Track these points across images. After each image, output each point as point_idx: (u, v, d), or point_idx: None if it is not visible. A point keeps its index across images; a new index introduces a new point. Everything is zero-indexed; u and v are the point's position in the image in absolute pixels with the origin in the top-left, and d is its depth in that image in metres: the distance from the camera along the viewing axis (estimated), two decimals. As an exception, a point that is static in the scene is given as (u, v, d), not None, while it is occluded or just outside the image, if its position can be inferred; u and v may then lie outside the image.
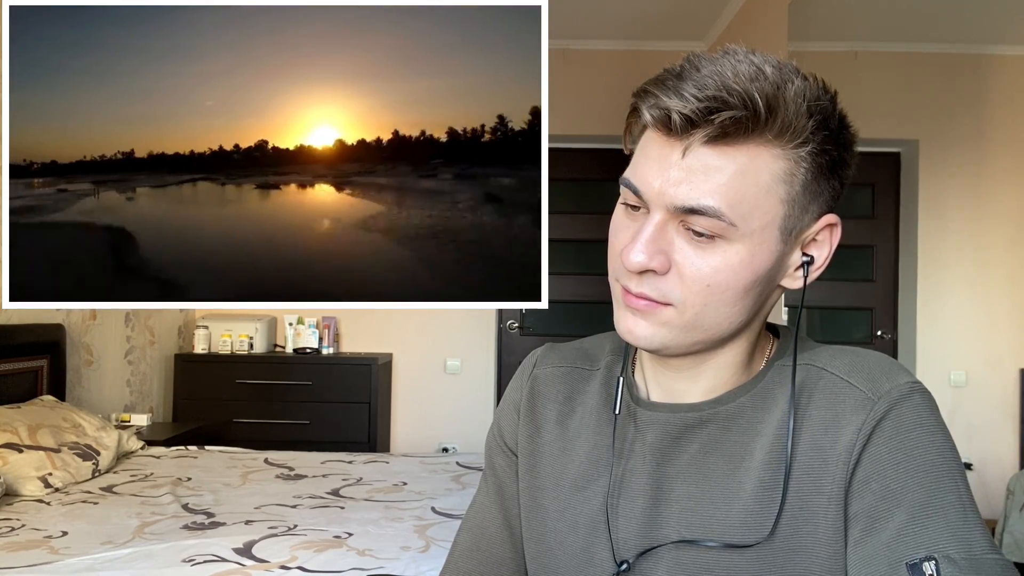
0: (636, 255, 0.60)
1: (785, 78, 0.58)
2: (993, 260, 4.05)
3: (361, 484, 2.34)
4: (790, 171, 0.60)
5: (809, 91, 0.59)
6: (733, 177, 0.58)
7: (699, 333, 0.63)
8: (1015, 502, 2.75)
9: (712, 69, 0.58)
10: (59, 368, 2.84)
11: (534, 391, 0.79)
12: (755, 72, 0.57)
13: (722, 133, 0.57)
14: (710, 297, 0.61)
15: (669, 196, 0.59)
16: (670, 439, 0.69)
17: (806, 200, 0.61)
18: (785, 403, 0.65)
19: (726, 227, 0.59)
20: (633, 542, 0.68)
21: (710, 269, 0.60)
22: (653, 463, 0.69)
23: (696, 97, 0.57)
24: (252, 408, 3.73)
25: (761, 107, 0.57)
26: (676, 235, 0.61)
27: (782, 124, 0.58)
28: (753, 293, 0.62)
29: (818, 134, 0.59)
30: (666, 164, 0.60)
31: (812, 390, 0.65)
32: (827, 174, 0.61)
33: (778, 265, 0.63)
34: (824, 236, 0.64)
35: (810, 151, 0.59)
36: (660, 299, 0.62)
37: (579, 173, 4.26)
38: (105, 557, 1.62)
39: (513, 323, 4.30)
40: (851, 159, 0.63)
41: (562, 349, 0.81)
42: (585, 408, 0.76)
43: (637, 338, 0.64)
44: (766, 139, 0.58)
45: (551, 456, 0.76)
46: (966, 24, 3.80)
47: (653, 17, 3.80)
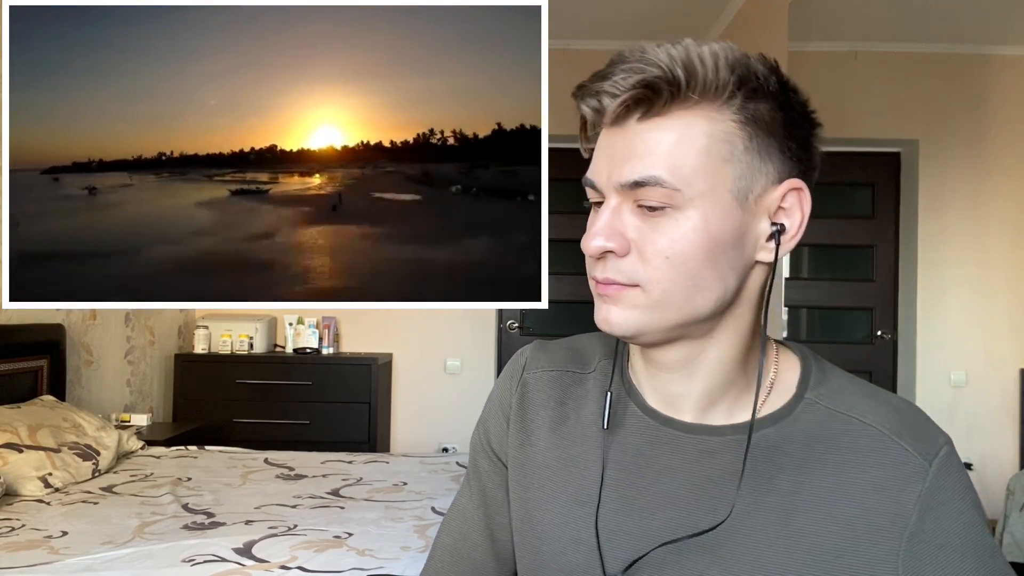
0: (594, 239, 0.62)
1: (704, 44, 0.60)
2: (993, 260, 4.05)
3: (361, 484, 2.34)
4: (727, 131, 0.60)
5: (731, 53, 0.61)
6: (672, 146, 0.60)
7: (672, 312, 0.62)
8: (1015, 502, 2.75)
9: (635, 52, 0.61)
10: (59, 368, 2.84)
11: (524, 397, 0.77)
12: (673, 45, 0.60)
13: (650, 105, 0.60)
14: (672, 270, 0.61)
15: (615, 176, 0.62)
16: (691, 460, 0.67)
17: (755, 160, 0.61)
18: (833, 467, 0.64)
19: (670, 193, 0.60)
20: (636, 557, 0.67)
21: (666, 240, 0.61)
22: (657, 477, 0.68)
23: (617, 74, 0.60)
24: (252, 408, 3.73)
25: (679, 71, 0.59)
26: (630, 215, 0.62)
27: (703, 83, 0.59)
28: (720, 264, 0.61)
29: (743, 88, 0.60)
30: (611, 150, 0.63)
31: (856, 444, 0.65)
32: (775, 132, 0.61)
33: (741, 233, 0.62)
34: (792, 202, 0.63)
35: (741, 106, 0.60)
36: (626, 281, 0.62)
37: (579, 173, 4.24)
38: (105, 557, 1.62)
39: (513, 323, 4.30)
40: (805, 122, 0.63)
41: (551, 350, 0.79)
42: (580, 416, 0.74)
43: (612, 325, 0.64)
44: (693, 101, 0.60)
45: (545, 467, 0.73)
46: (966, 24, 3.80)
47: (653, 17, 3.80)
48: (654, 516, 0.67)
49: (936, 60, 4.05)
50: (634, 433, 0.70)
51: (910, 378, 4.09)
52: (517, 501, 0.75)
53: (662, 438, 0.69)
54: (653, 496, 0.68)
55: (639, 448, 0.70)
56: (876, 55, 4.03)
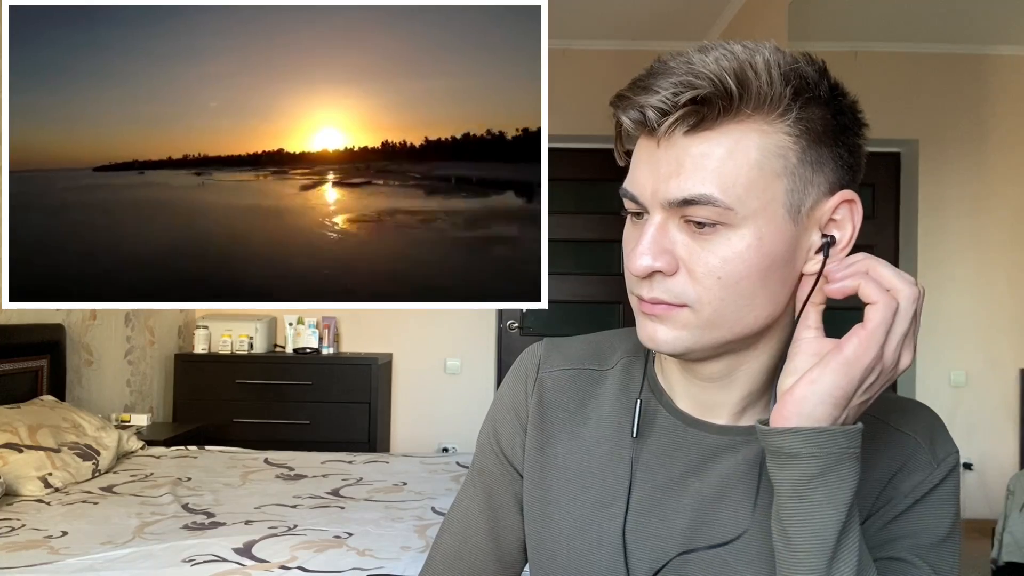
0: (640, 259, 0.59)
1: (754, 52, 0.57)
2: (993, 260, 4.05)
3: (361, 484, 2.34)
4: (780, 144, 0.57)
5: (783, 60, 0.57)
6: (722, 161, 0.57)
7: (722, 331, 0.60)
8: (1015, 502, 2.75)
9: (680, 60, 0.57)
10: (59, 368, 2.84)
11: (542, 399, 0.74)
12: (722, 53, 0.57)
13: (700, 119, 0.57)
14: (724, 291, 0.58)
15: (662, 193, 0.58)
16: (703, 458, 0.67)
17: (807, 172, 0.58)
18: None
19: (724, 212, 0.57)
20: (662, 559, 0.66)
21: (718, 260, 0.58)
22: (684, 478, 0.67)
23: (665, 88, 0.56)
24: (252, 408, 3.73)
25: (731, 83, 0.55)
26: (678, 232, 0.59)
27: (757, 96, 0.56)
28: (772, 281, 0.59)
29: (799, 99, 0.57)
30: (654, 163, 0.59)
31: (878, 446, 0.65)
32: (826, 141, 0.59)
33: (793, 247, 0.59)
34: (843, 214, 0.60)
35: (796, 118, 0.57)
36: (674, 301, 0.60)
37: (579, 173, 4.26)
38: (105, 557, 1.63)
39: (513, 323, 4.30)
40: (855, 125, 0.61)
41: (565, 348, 0.77)
42: (600, 416, 0.72)
43: (659, 344, 0.61)
44: (745, 115, 0.57)
45: (565, 469, 0.72)
46: (966, 24, 3.80)
47: (653, 17, 3.80)
48: (679, 517, 0.67)
49: (936, 60, 4.05)
50: (661, 434, 0.69)
51: (910, 378, 4.09)
52: (535, 503, 0.73)
53: (689, 440, 0.68)
54: (679, 497, 0.67)
55: (665, 449, 0.68)
56: (876, 55, 4.03)
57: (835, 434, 0.55)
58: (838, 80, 0.60)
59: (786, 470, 0.56)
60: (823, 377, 0.55)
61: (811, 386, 0.56)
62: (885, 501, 0.64)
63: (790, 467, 0.56)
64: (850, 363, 0.55)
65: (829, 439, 0.55)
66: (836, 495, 0.55)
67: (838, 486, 0.55)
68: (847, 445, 0.55)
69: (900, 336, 0.56)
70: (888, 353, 0.56)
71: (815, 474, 0.55)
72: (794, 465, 0.56)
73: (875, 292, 0.56)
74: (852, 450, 0.56)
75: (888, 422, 0.66)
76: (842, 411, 0.56)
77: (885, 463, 0.64)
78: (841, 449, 0.55)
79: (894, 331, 0.55)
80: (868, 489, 0.63)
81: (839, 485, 0.55)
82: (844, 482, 0.55)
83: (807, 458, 0.55)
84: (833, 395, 0.55)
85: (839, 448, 0.55)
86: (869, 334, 0.55)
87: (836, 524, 0.55)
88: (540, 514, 0.73)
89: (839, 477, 0.55)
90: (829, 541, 0.55)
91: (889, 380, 0.57)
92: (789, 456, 0.56)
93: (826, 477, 0.55)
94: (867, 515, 0.64)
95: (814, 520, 0.55)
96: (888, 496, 0.64)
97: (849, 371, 0.55)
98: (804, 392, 0.56)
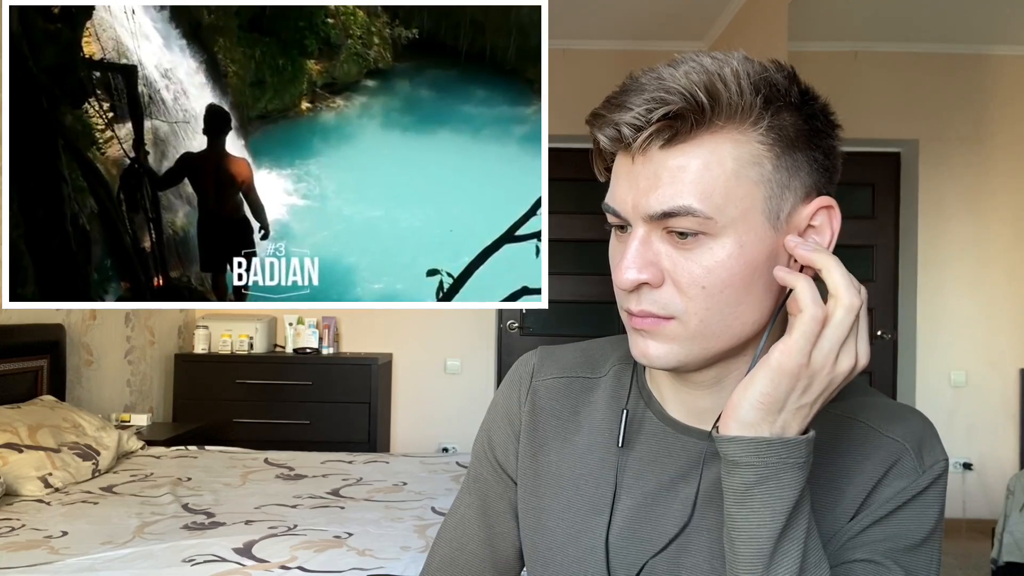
0: (626, 272, 0.60)
1: (723, 63, 0.58)
2: (993, 260, 4.05)
3: (361, 484, 2.34)
4: (755, 152, 0.59)
5: (752, 69, 0.59)
6: (699, 173, 0.58)
7: (712, 341, 0.61)
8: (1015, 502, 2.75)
9: (651, 76, 0.59)
10: (59, 368, 2.84)
11: (535, 407, 0.76)
12: (692, 67, 0.58)
13: (674, 133, 0.58)
14: (709, 300, 0.59)
15: (643, 207, 0.59)
16: (694, 464, 0.67)
17: (784, 177, 0.59)
18: (838, 469, 0.65)
19: (704, 221, 0.58)
20: (657, 566, 0.67)
21: (701, 270, 0.59)
22: (674, 484, 0.68)
23: (638, 105, 0.58)
24: (252, 408, 3.73)
25: (702, 96, 0.57)
26: (661, 243, 0.60)
27: (728, 107, 0.57)
28: (757, 288, 0.60)
29: (770, 107, 0.58)
30: (633, 178, 0.60)
31: (863, 449, 0.65)
32: (800, 146, 0.60)
33: (774, 254, 0.60)
34: (822, 220, 0.61)
35: (768, 126, 0.58)
36: (662, 313, 0.61)
37: (579, 173, 4.24)
38: (105, 557, 1.63)
39: (513, 323, 4.30)
40: (827, 128, 0.62)
41: (558, 356, 0.78)
42: (592, 424, 0.73)
43: (652, 359, 0.63)
44: (718, 126, 0.58)
45: (559, 476, 0.73)
46: (966, 24, 3.80)
47: (653, 17, 3.80)
48: (669, 523, 0.67)
49: (936, 60, 4.05)
50: (651, 441, 0.70)
51: (910, 378, 4.09)
52: (529, 511, 0.74)
53: (679, 446, 0.69)
54: (669, 503, 0.68)
55: (656, 456, 0.69)
56: (876, 55, 4.03)
57: (773, 444, 0.56)
58: (808, 84, 0.62)
59: (731, 476, 0.58)
60: (753, 384, 0.57)
61: (743, 392, 0.57)
62: (868, 505, 0.64)
63: (733, 473, 0.58)
64: (774, 370, 0.56)
65: (767, 449, 0.56)
66: (774, 503, 0.56)
67: (778, 494, 0.56)
68: (787, 455, 0.56)
69: (834, 343, 0.56)
70: (818, 360, 0.56)
71: (753, 482, 0.57)
72: (736, 472, 0.57)
73: (805, 299, 0.56)
74: (793, 460, 0.56)
75: (879, 428, 0.66)
76: (776, 416, 0.57)
77: (872, 468, 0.64)
78: (780, 459, 0.56)
79: (825, 339, 0.56)
80: (854, 493, 0.64)
81: (779, 493, 0.56)
82: (784, 490, 0.56)
83: (745, 467, 0.57)
84: (762, 401, 0.56)
85: (778, 458, 0.56)
86: (793, 342, 0.56)
87: (773, 530, 0.56)
88: (534, 521, 0.74)
89: (779, 485, 0.56)
90: (765, 547, 0.56)
91: (835, 385, 0.57)
92: (732, 463, 0.57)
93: (765, 485, 0.56)
94: (851, 518, 0.64)
95: (751, 525, 0.57)
96: (871, 500, 0.64)
97: (774, 378, 0.56)
98: (737, 398, 0.57)
